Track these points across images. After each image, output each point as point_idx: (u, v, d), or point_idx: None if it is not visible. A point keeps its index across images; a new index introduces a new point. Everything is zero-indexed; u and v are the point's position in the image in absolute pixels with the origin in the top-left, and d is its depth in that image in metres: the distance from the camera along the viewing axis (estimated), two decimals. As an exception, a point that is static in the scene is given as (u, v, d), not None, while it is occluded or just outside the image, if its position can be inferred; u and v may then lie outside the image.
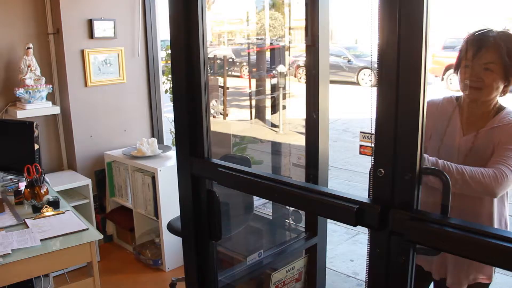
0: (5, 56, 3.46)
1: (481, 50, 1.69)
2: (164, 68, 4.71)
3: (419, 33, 1.34)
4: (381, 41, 1.36)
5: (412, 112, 1.39)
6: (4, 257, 1.96)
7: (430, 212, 1.46)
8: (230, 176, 1.69)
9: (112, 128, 3.92)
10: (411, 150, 1.42)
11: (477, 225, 1.33)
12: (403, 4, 1.32)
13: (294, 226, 3.17)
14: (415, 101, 1.38)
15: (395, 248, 1.49)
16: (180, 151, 1.91)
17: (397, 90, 1.36)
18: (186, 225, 2.01)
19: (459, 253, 1.42)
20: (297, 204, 1.69)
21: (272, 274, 2.27)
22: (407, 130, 1.42)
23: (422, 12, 1.33)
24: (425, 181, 1.63)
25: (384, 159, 1.44)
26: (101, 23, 3.69)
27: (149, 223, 3.78)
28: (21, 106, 3.42)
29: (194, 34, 1.76)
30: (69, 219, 2.39)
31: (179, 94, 1.87)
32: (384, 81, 1.38)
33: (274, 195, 1.58)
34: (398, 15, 1.34)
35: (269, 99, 3.69)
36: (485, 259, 1.35)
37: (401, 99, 1.42)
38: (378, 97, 1.39)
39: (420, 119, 1.39)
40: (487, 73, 1.69)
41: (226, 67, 3.37)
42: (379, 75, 1.41)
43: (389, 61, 1.36)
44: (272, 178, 1.57)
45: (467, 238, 1.31)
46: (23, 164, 2.62)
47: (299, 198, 1.50)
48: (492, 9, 10.31)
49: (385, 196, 1.44)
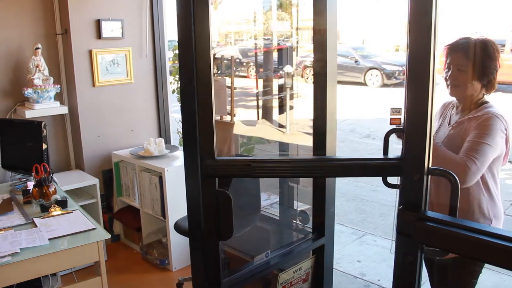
0: (14, 56, 3.48)
1: (453, 55, 2.03)
2: (171, 68, 4.72)
3: (428, 34, 1.34)
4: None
5: (419, 113, 1.39)
6: (12, 255, 1.97)
7: (438, 213, 1.46)
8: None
9: (120, 128, 3.93)
10: (418, 151, 1.41)
11: (486, 227, 1.32)
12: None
13: (301, 226, 3.17)
14: (423, 102, 1.38)
15: (403, 248, 1.49)
16: (188, 151, 1.91)
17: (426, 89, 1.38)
18: (194, 225, 2.01)
19: (468, 255, 1.42)
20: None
21: (279, 275, 2.27)
22: (414, 131, 1.42)
23: (431, 13, 1.32)
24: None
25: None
26: (109, 23, 3.70)
27: (156, 223, 3.78)
28: (29, 106, 3.44)
29: (201, 34, 1.76)
30: (77, 218, 2.40)
31: (186, 94, 1.87)
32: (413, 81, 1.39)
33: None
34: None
35: (276, 100, 3.68)
36: (495, 261, 1.35)
37: (408, 100, 1.42)
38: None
39: (428, 119, 1.38)
40: (460, 73, 2.00)
41: (233, 67, 3.36)
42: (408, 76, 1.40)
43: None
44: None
45: (475, 239, 1.30)
46: (32, 163, 2.63)
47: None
48: (500, 9, 10.24)
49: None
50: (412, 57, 1.38)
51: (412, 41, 1.37)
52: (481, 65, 1.99)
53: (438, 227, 1.38)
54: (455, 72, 2.02)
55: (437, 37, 1.35)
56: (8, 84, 3.49)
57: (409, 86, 1.39)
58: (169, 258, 3.52)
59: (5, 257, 1.95)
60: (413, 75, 1.38)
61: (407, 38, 1.38)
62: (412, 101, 1.40)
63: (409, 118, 1.41)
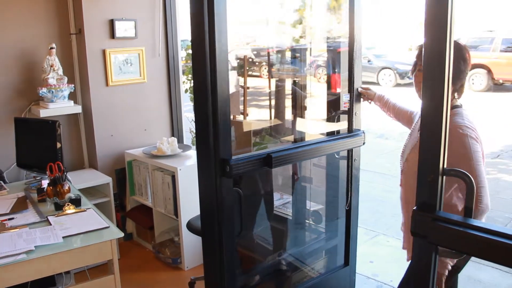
0: (29, 56, 3.51)
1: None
2: (184, 67, 4.73)
3: (443, 35, 1.33)
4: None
5: (434, 113, 1.38)
6: (27, 253, 1.98)
7: (453, 214, 1.45)
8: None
9: (133, 127, 3.95)
10: (433, 152, 1.40)
11: (502, 228, 1.30)
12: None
13: (314, 226, 3.15)
14: (438, 103, 1.36)
15: (417, 249, 1.48)
16: (201, 150, 1.91)
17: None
18: (207, 224, 2.01)
19: (484, 257, 1.40)
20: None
21: (292, 274, 2.27)
22: (429, 132, 1.40)
23: (447, 13, 1.31)
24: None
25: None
26: (122, 23, 3.72)
27: (168, 221, 3.80)
28: (44, 105, 3.47)
29: (214, 33, 1.76)
30: (90, 217, 2.41)
31: (200, 94, 1.88)
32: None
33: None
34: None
35: (289, 99, 3.67)
36: (511, 263, 1.33)
37: (423, 101, 1.41)
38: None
39: (443, 120, 1.37)
40: None
41: (246, 67, 3.36)
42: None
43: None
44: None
45: (492, 241, 1.28)
46: (46, 162, 2.66)
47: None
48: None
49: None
50: (428, 58, 1.36)
51: (428, 42, 1.36)
52: (456, 69, 1.90)
53: (453, 228, 1.37)
54: None
55: (452, 38, 1.33)
56: (23, 84, 3.52)
57: (425, 86, 1.38)
58: (182, 257, 3.53)
59: (20, 254, 1.97)
60: (428, 75, 1.37)
61: (423, 39, 1.37)
62: (427, 102, 1.39)
63: (424, 119, 1.40)
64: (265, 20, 4.57)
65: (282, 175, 3.33)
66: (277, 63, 4.06)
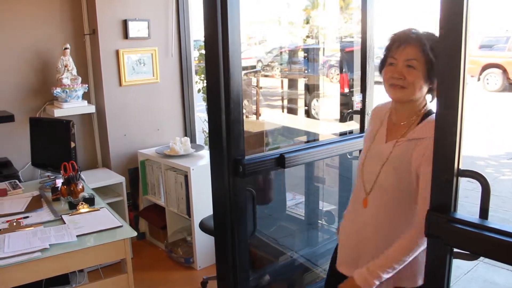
0: (44, 57, 3.55)
1: (403, 46, 1.62)
2: (197, 67, 4.74)
3: (459, 36, 1.31)
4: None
5: (450, 114, 1.36)
6: (42, 251, 2.00)
7: (468, 215, 1.43)
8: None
9: (146, 127, 3.97)
10: (448, 152, 1.39)
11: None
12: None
13: (327, 227, 3.14)
14: (454, 103, 1.35)
15: (431, 251, 1.46)
16: (214, 150, 1.91)
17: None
18: (219, 223, 2.01)
19: (500, 259, 1.38)
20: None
21: (305, 275, 2.26)
22: (444, 132, 1.39)
23: (462, 14, 1.30)
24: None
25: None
26: (135, 23, 3.74)
27: (181, 221, 3.81)
28: (58, 105, 3.50)
29: (228, 34, 1.76)
30: (104, 216, 2.43)
31: (212, 94, 1.88)
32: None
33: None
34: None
35: (302, 99, 3.67)
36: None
37: (439, 101, 1.39)
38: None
39: (458, 120, 1.35)
40: (410, 70, 1.60)
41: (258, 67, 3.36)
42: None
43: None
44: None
45: (508, 243, 1.27)
46: (60, 161, 2.68)
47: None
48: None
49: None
50: (443, 59, 1.35)
51: (442, 44, 1.35)
52: (432, 62, 1.62)
53: (468, 229, 1.35)
54: (403, 69, 1.62)
55: (468, 39, 1.32)
56: (38, 84, 3.56)
57: (440, 87, 1.37)
58: (194, 256, 3.54)
59: (35, 252, 1.99)
60: (444, 76, 1.36)
61: (438, 40, 1.36)
62: (443, 102, 1.37)
63: (439, 119, 1.38)
64: (278, 20, 4.57)
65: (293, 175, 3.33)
66: (289, 63, 4.06)
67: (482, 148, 7.02)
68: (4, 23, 3.35)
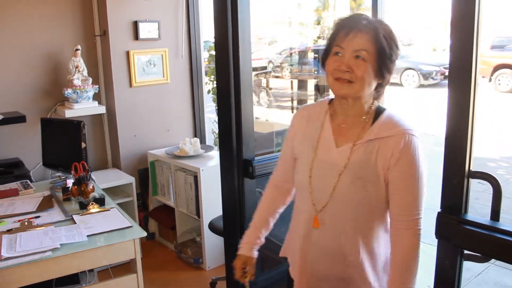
0: (55, 58, 3.57)
1: (352, 33, 1.37)
2: (207, 68, 4.75)
3: (470, 37, 1.30)
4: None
5: (461, 116, 1.35)
6: (53, 251, 2.02)
7: (479, 217, 1.42)
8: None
9: (156, 128, 3.98)
10: (458, 153, 1.38)
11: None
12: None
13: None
14: (465, 105, 1.34)
15: (442, 252, 1.45)
16: (224, 151, 1.91)
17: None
18: (229, 224, 2.02)
19: (510, 261, 1.37)
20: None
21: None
22: (455, 134, 1.38)
23: (474, 14, 1.29)
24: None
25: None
26: (146, 24, 3.76)
27: (190, 222, 3.82)
28: (69, 105, 3.53)
29: (238, 35, 1.77)
30: (114, 216, 2.44)
31: (223, 95, 1.88)
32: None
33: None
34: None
35: (312, 100, 3.66)
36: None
37: (450, 103, 1.38)
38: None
39: (469, 122, 1.35)
40: (358, 62, 1.37)
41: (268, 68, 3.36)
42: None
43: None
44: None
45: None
46: (71, 162, 2.69)
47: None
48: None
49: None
50: (454, 61, 1.35)
51: (454, 45, 1.34)
52: (390, 58, 1.41)
53: (479, 231, 1.34)
54: (351, 61, 1.37)
55: (479, 40, 1.31)
56: (49, 85, 3.59)
57: (451, 88, 1.36)
58: (203, 257, 3.54)
59: (46, 252, 2.00)
60: (455, 78, 1.35)
61: (450, 41, 1.35)
62: (454, 104, 1.37)
63: (450, 121, 1.38)
64: (288, 20, 4.56)
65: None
66: (300, 64, 4.06)
67: (493, 149, 6.95)
68: (15, 25, 3.39)
